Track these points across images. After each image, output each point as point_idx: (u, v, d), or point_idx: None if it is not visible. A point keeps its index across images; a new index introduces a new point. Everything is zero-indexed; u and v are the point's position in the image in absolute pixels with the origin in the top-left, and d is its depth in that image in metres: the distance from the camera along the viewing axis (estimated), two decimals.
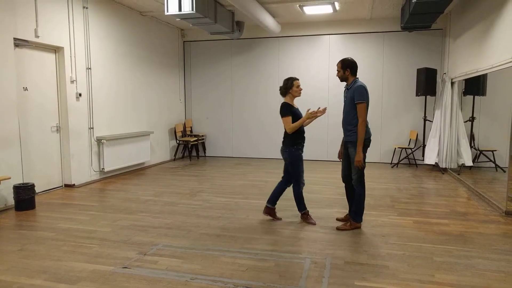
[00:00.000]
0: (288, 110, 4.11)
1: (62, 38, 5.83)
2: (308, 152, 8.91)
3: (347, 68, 3.96)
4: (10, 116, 4.95)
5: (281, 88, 4.22)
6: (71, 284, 2.83)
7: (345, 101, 4.06)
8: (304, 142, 4.27)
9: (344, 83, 4.10)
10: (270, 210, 4.40)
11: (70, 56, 5.99)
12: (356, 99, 3.87)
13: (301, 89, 4.18)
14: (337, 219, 4.36)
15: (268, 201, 4.40)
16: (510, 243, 3.65)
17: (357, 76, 4.02)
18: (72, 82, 6.03)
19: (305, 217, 4.31)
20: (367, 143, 3.97)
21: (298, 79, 4.20)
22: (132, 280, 2.89)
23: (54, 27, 5.66)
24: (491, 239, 3.74)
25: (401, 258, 3.28)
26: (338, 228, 4.05)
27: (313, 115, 4.08)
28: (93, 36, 6.45)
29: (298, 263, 3.18)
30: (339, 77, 4.06)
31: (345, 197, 4.29)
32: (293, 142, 4.18)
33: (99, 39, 6.62)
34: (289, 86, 4.15)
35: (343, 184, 4.27)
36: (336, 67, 4.11)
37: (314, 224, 4.21)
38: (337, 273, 3.00)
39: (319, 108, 4.21)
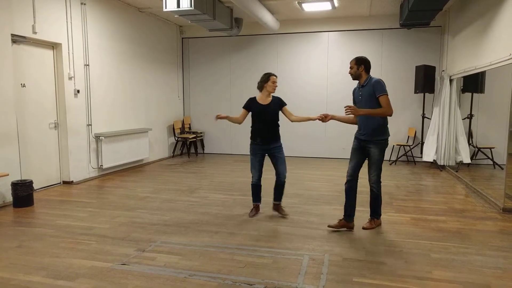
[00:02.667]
0: (246, 104, 4.43)
1: (60, 34, 5.81)
2: (306, 149, 8.93)
3: (362, 64, 3.77)
4: (8, 112, 4.94)
5: (258, 82, 4.39)
6: (70, 280, 2.83)
7: (361, 100, 3.82)
8: (260, 139, 4.33)
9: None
10: (275, 206, 4.46)
11: (68, 53, 5.97)
12: (378, 92, 3.68)
13: (276, 86, 4.32)
14: (329, 226, 3.94)
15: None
16: (507, 240, 3.67)
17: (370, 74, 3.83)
18: (70, 78, 6.01)
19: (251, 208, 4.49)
20: (387, 143, 3.90)
21: (275, 76, 4.34)
22: (130, 276, 2.89)
23: (51, 24, 5.64)
24: (488, 236, 3.76)
25: (398, 255, 3.29)
26: (364, 228, 3.94)
27: None
28: (91, 32, 6.43)
29: (296, 260, 3.19)
30: (352, 74, 3.85)
31: (344, 195, 3.96)
32: (251, 135, 4.41)
33: (97, 36, 6.59)
34: (265, 81, 4.29)
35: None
36: (349, 64, 3.89)
37: (250, 216, 4.37)
38: (335, 269, 3.01)
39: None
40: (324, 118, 4.01)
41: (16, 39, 5.11)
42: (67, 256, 3.28)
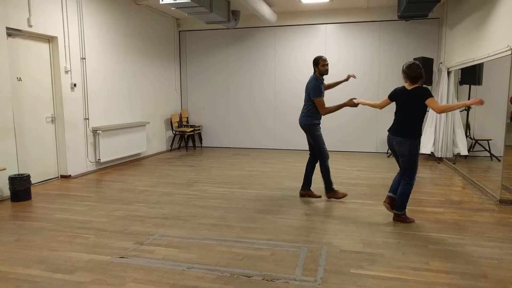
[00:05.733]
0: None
1: (56, 27, 5.76)
2: (304, 141, 8.93)
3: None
4: (4, 106, 4.91)
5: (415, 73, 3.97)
6: (68, 273, 2.84)
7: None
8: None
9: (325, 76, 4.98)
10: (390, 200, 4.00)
11: (64, 46, 5.92)
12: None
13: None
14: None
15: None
16: (504, 231, 3.69)
17: (313, 72, 5.00)
18: (66, 72, 5.97)
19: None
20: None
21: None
22: (128, 269, 2.90)
23: (47, 17, 5.59)
24: (485, 227, 3.78)
25: (396, 246, 3.31)
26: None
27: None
28: (87, 25, 6.37)
29: (294, 252, 3.21)
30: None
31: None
32: (418, 133, 3.86)
33: (93, 29, 6.54)
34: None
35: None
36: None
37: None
38: (333, 261, 3.03)
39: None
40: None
41: (11, 32, 5.06)
42: (65, 249, 3.29)
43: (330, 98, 8.42)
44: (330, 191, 4.73)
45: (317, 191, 4.92)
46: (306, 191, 4.90)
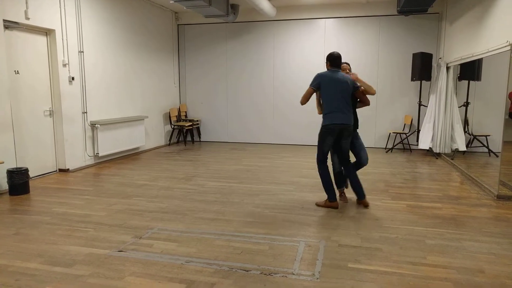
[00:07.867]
0: None
1: (53, 20, 5.72)
2: (302, 137, 8.93)
3: (327, 61, 4.44)
4: (2, 99, 4.89)
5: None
6: (67, 267, 2.84)
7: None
8: None
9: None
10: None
11: (62, 39, 5.89)
12: None
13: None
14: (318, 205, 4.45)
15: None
16: (501, 226, 3.71)
17: (333, 68, 4.49)
18: (64, 65, 5.94)
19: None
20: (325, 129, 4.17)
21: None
22: (127, 263, 2.91)
23: (45, 9, 5.55)
24: (482, 222, 3.80)
25: (394, 241, 3.32)
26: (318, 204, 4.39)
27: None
28: (85, 18, 6.33)
29: (292, 246, 3.22)
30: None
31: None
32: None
33: (91, 22, 6.50)
34: None
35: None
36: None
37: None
38: (331, 255, 3.04)
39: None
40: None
41: (8, 25, 5.03)
42: (64, 243, 3.29)
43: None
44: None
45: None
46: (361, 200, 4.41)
